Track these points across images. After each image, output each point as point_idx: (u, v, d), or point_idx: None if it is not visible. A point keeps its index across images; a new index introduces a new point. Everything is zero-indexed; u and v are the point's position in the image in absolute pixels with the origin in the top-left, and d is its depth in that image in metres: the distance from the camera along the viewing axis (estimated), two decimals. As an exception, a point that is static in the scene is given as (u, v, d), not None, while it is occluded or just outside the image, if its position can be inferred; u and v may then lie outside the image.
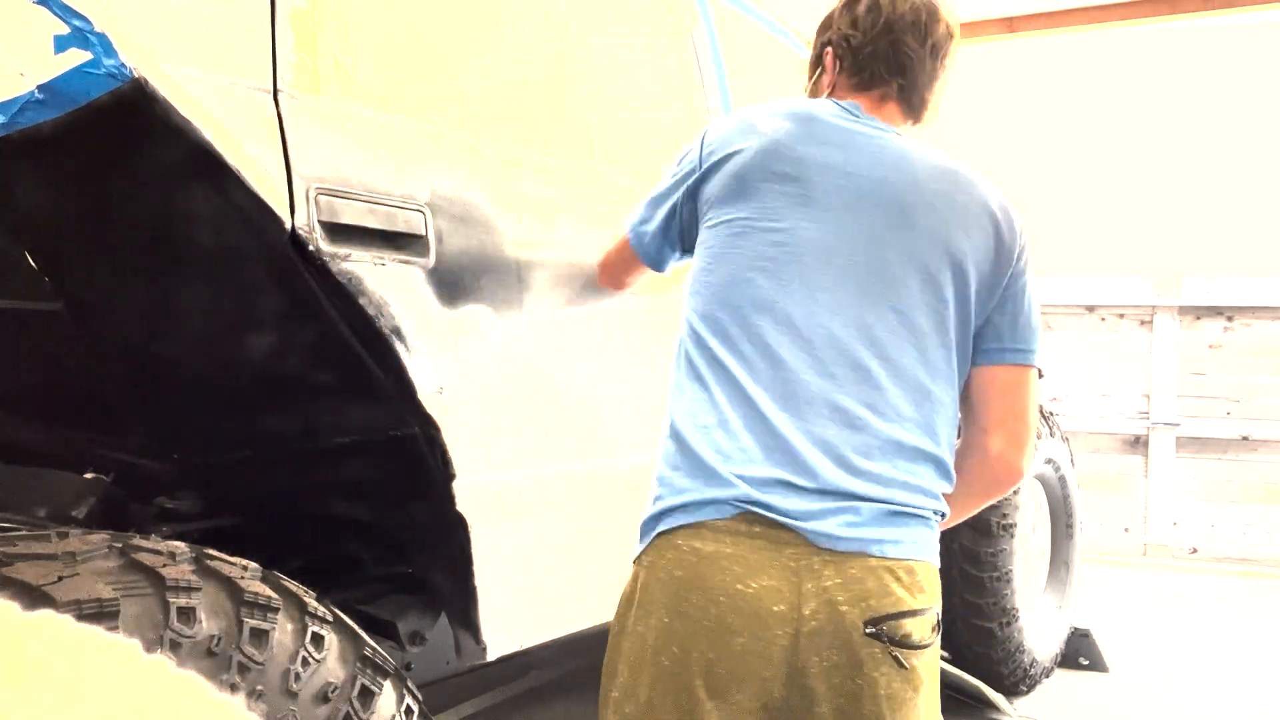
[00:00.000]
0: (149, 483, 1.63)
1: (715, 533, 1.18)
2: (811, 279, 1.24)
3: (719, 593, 1.15)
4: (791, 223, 1.26)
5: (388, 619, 1.60)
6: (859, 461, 1.20)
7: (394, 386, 1.37)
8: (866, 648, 1.16)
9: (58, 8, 0.98)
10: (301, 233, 1.22)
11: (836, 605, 1.15)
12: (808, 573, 1.15)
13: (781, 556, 1.16)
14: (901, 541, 1.21)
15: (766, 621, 1.14)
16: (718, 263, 1.29)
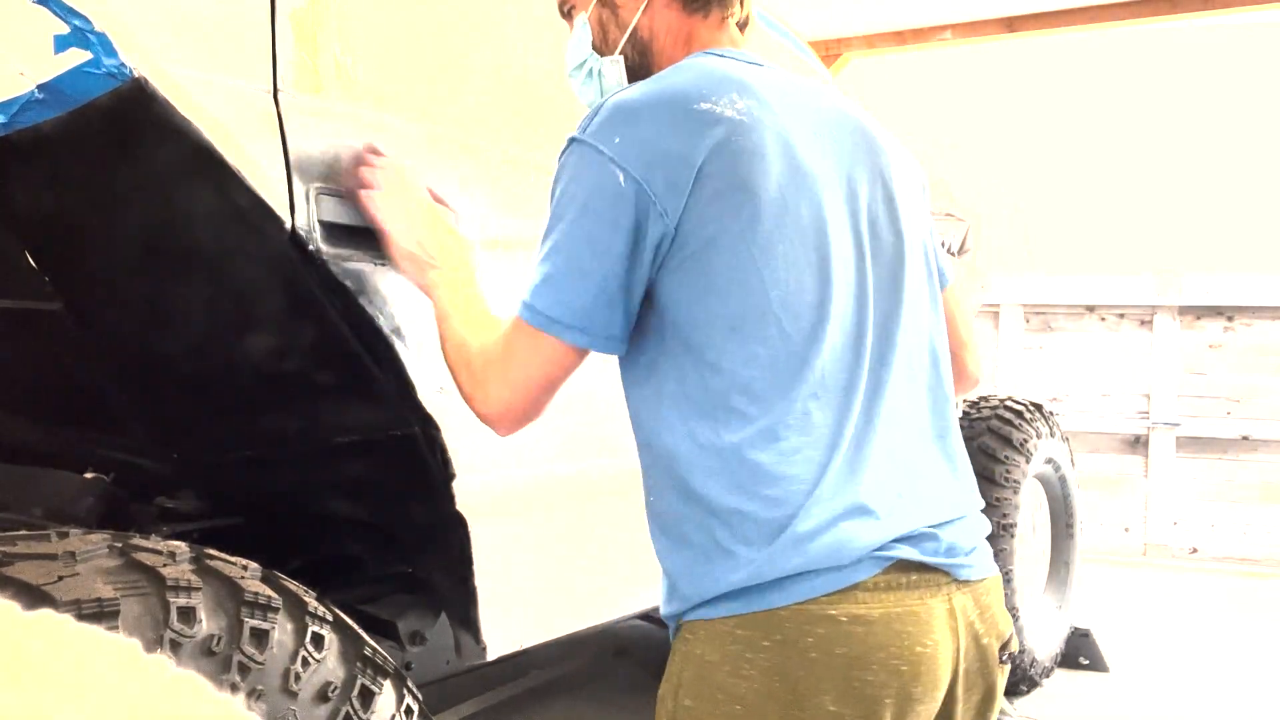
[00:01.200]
0: (149, 482, 1.63)
1: (873, 592, 1.00)
2: (877, 286, 1.12)
3: (900, 661, 0.99)
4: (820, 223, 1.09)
5: (388, 619, 1.60)
6: (956, 480, 1.14)
7: (394, 386, 1.37)
8: (1000, 674, 1.13)
9: (58, 7, 0.98)
10: (301, 233, 1.22)
11: (979, 639, 1.08)
12: (959, 611, 1.06)
13: (938, 602, 1.03)
14: (988, 556, 1.14)
15: (940, 678, 1.03)
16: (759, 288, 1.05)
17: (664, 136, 1.01)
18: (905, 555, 1.01)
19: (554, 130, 1.73)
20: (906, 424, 1.11)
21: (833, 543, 0.99)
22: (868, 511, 1.02)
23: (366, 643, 1.16)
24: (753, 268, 1.02)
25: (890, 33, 5.86)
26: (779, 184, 1.03)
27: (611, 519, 1.86)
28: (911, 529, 1.03)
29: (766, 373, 1.03)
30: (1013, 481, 3.39)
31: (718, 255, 1.02)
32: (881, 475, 1.05)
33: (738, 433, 1.03)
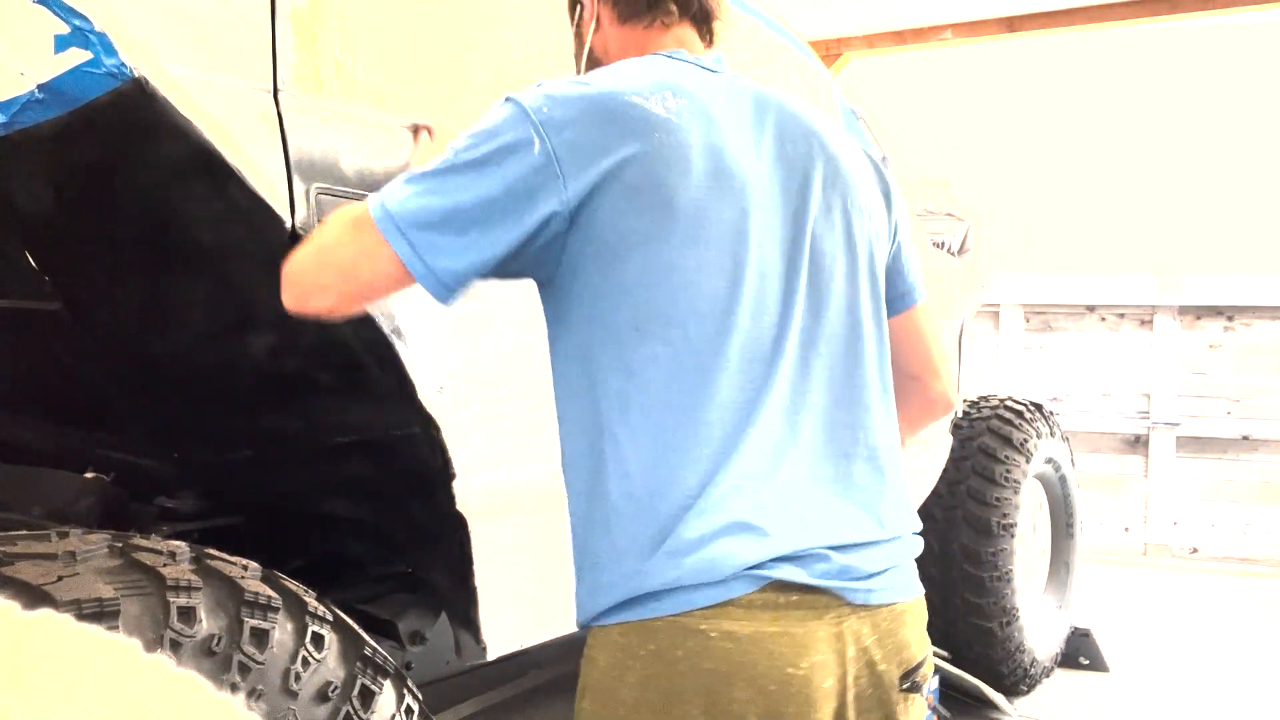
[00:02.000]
0: (149, 482, 1.63)
1: (748, 610, 0.98)
2: (806, 301, 1.08)
3: (768, 681, 0.97)
4: (764, 220, 1.07)
5: (388, 618, 1.60)
6: (879, 497, 1.09)
7: (394, 386, 1.37)
8: (901, 703, 1.07)
9: (58, 7, 0.98)
10: (302, 232, 1.22)
11: (875, 665, 1.04)
12: (851, 635, 1.02)
13: (824, 623, 1.00)
14: (910, 579, 1.11)
15: (816, 702, 0.99)
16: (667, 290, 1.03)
17: (590, 123, 1.00)
18: (785, 576, 0.98)
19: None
20: (823, 443, 1.07)
21: (709, 557, 0.97)
22: (752, 528, 0.98)
23: (366, 642, 1.16)
24: (662, 268, 1.00)
25: (890, 32, 5.86)
26: (699, 186, 1.02)
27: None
28: (800, 549, 0.99)
29: (664, 375, 1.01)
30: (1013, 481, 3.39)
31: (629, 252, 1.00)
32: (777, 492, 1.01)
33: (632, 436, 1.01)
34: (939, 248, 3.44)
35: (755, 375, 1.03)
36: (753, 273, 1.04)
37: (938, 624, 3.45)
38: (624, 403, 1.02)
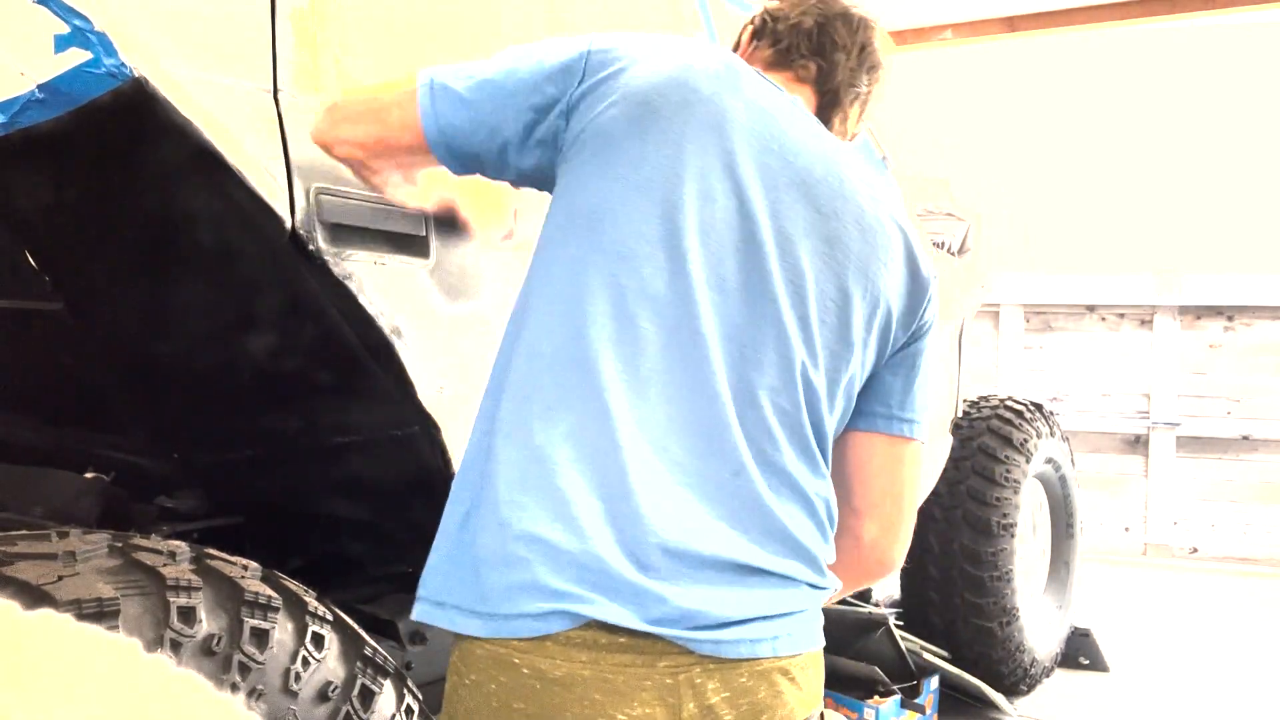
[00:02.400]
0: (149, 482, 1.64)
1: (564, 647, 0.88)
2: (705, 274, 0.98)
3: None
4: (700, 188, 0.98)
5: (388, 618, 1.60)
6: (730, 533, 0.95)
7: (394, 386, 1.37)
8: None
9: (58, 7, 0.98)
10: (302, 232, 1.22)
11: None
12: (688, 689, 0.89)
13: (655, 672, 0.89)
14: (793, 633, 0.97)
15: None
16: (585, 225, 0.99)
17: (633, 47, 1.04)
18: (607, 617, 0.87)
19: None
20: (695, 469, 0.94)
21: (518, 583, 0.88)
22: (571, 558, 0.88)
23: (367, 642, 1.16)
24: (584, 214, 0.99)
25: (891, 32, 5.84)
26: (685, 139, 0.99)
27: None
28: (634, 587, 0.88)
29: (525, 323, 0.98)
30: (1013, 481, 3.39)
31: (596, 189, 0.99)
32: (613, 519, 0.90)
33: (483, 422, 0.97)
34: (939, 248, 3.44)
35: (614, 376, 0.96)
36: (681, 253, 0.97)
37: (938, 624, 3.46)
38: (497, 378, 1.03)
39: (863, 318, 1.05)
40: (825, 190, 1.04)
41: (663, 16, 2.14)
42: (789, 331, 0.99)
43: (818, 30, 1.17)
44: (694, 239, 0.97)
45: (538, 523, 0.89)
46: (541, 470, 0.91)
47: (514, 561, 0.89)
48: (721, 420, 0.95)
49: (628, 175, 0.97)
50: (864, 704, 2.88)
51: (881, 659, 3.04)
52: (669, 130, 0.98)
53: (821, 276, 1.02)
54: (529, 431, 0.93)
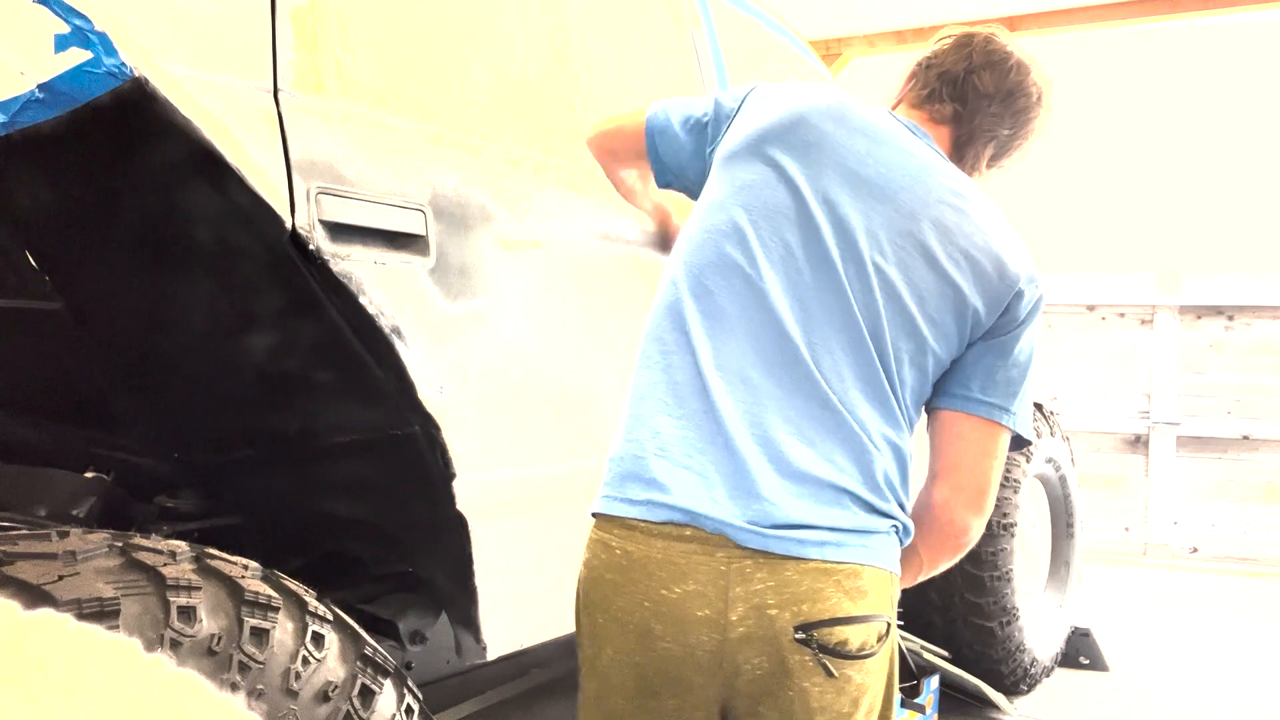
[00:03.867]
0: (149, 482, 1.63)
1: (647, 535, 1.14)
2: (790, 257, 1.20)
3: (644, 598, 1.13)
4: (792, 194, 1.22)
5: (388, 618, 1.60)
6: (799, 449, 1.15)
7: (394, 385, 1.37)
8: (796, 654, 1.08)
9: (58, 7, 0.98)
10: (302, 232, 1.22)
11: (765, 610, 1.08)
12: (738, 577, 1.09)
13: (709, 562, 1.10)
14: (846, 545, 1.12)
15: (690, 627, 1.10)
16: (706, 217, 1.27)
17: (763, 91, 1.35)
18: (682, 519, 1.12)
19: (553, 130, 1.73)
20: (772, 393, 1.16)
21: (631, 475, 1.17)
22: (676, 463, 1.14)
23: (367, 642, 1.16)
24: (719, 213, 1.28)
25: (891, 32, 5.86)
26: (797, 161, 1.25)
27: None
28: (712, 496, 1.11)
29: (663, 292, 1.27)
30: (1013, 481, 3.39)
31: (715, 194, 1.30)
32: (707, 439, 1.14)
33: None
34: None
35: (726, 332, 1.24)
36: (779, 247, 1.23)
37: (938, 624, 3.45)
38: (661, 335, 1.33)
39: (933, 304, 1.21)
40: (908, 196, 1.23)
41: (663, 16, 2.14)
42: (852, 305, 1.19)
43: (963, 78, 1.38)
44: (775, 228, 1.22)
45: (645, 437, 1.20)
46: (650, 397, 1.21)
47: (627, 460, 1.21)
48: (797, 357, 1.17)
49: (740, 180, 1.25)
50: (864, 704, 2.88)
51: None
52: (775, 147, 1.25)
53: (890, 266, 1.20)
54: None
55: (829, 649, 1.09)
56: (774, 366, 1.16)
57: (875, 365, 1.18)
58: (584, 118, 1.81)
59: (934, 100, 1.37)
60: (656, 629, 1.12)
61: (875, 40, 5.92)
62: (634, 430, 1.19)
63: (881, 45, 5.94)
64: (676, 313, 1.22)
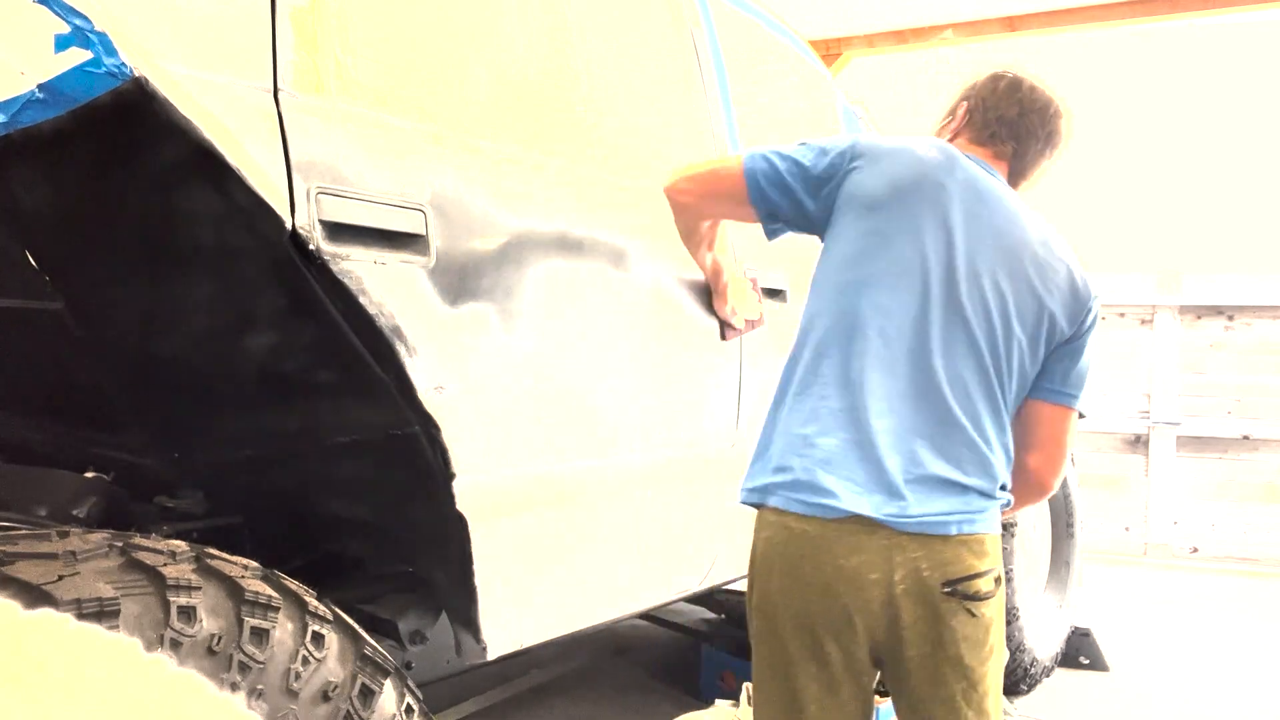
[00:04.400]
0: (150, 482, 1.63)
1: (822, 522, 1.46)
2: (926, 297, 1.50)
3: (826, 565, 1.45)
4: (923, 242, 1.51)
5: (388, 618, 1.60)
6: (934, 461, 1.48)
7: (394, 385, 1.37)
8: (945, 603, 1.45)
9: (58, 7, 0.98)
10: (302, 232, 1.22)
11: (921, 572, 1.44)
12: (898, 550, 1.44)
13: (874, 540, 1.44)
14: (974, 520, 1.48)
15: (864, 586, 1.44)
16: (849, 264, 1.53)
17: (878, 158, 1.56)
18: (857, 510, 1.44)
19: (553, 130, 1.73)
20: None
21: (804, 484, 1.48)
22: (841, 476, 1.46)
23: (367, 642, 1.16)
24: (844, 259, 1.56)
25: (891, 32, 5.86)
26: (911, 209, 1.52)
27: (612, 518, 1.86)
28: (870, 501, 1.44)
29: (812, 328, 1.55)
30: (1013, 481, 3.39)
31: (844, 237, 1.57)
32: (913, 444, 1.47)
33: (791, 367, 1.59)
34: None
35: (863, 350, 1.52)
36: (915, 284, 1.52)
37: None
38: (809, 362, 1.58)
39: (1030, 323, 1.54)
40: (1011, 240, 1.54)
41: (663, 16, 2.14)
42: (975, 332, 1.50)
43: (1018, 120, 1.63)
44: (914, 271, 1.51)
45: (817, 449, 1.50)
46: (812, 422, 1.51)
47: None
48: (937, 388, 1.49)
49: (877, 229, 1.52)
50: (864, 704, 2.88)
51: (881, 659, 3.04)
52: (904, 200, 1.52)
53: (1006, 300, 1.52)
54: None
55: (967, 596, 1.45)
56: (917, 398, 1.48)
57: (994, 386, 1.52)
58: (584, 117, 1.81)
59: (996, 141, 1.65)
60: (838, 588, 1.45)
61: (875, 40, 5.92)
62: (803, 449, 1.49)
63: (881, 45, 5.95)
64: (830, 350, 1.51)
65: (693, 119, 2.15)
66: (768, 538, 1.52)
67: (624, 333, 1.81)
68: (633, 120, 1.95)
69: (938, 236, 1.50)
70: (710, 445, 2.08)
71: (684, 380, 1.98)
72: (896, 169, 1.53)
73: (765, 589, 1.52)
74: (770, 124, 2.50)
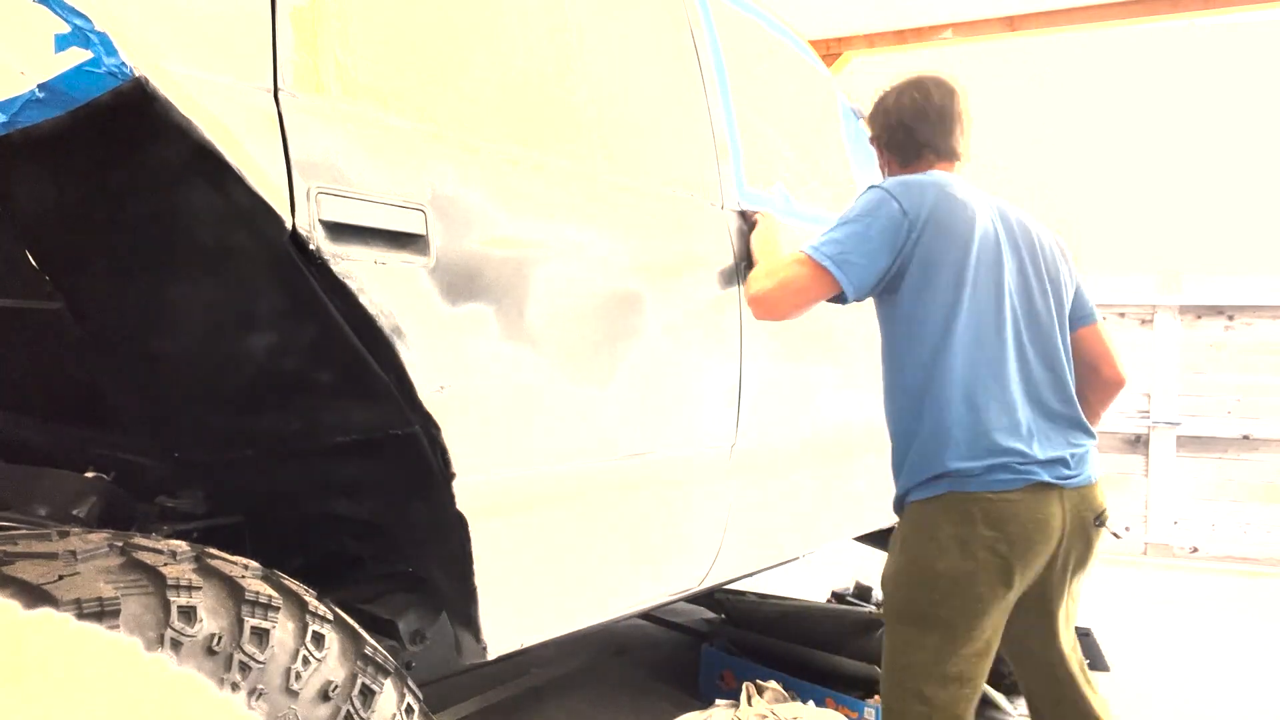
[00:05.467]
0: (150, 482, 1.63)
1: (1020, 491, 1.82)
2: (1014, 296, 1.92)
3: (1026, 520, 1.82)
4: (998, 266, 1.90)
5: (388, 618, 1.60)
6: (1072, 428, 1.94)
7: (394, 385, 1.37)
8: (1094, 531, 1.93)
9: (58, 6, 0.98)
10: (302, 232, 1.22)
11: (1080, 512, 1.89)
12: (1067, 499, 1.86)
13: (1051, 495, 1.85)
14: (1091, 471, 1.93)
15: (1052, 531, 1.85)
16: (952, 293, 1.87)
17: (921, 198, 1.87)
18: (1043, 479, 1.84)
19: (553, 130, 1.73)
20: (1045, 384, 1.93)
21: (1005, 466, 1.84)
22: (1032, 448, 1.85)
23: (367, 642, 1.16)
24: (952, 275, 1.87)
25: (891, 32, 5.86)
26: (966, 230, 1.88)
27: (612, 518, 1.86)
28: (1048, 460, 1.85)
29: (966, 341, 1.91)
30: (1013, 481, 3.39)
31: (934, 267, 1.86)
32: (1038, 424, 1.89)
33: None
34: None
35: (1011, 351, 1.91)
36: (1005, 299, 1.92)
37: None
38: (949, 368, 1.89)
39: (1065, 287, 2.03)
40: (1040, 244, 2.02)
41: (663, 16, 2.14)
42: (1053, 320, 1.97)
43: (944, 136, 2.06)
44: (986, 278, 1.91)
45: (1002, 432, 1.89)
46: (1002, 412, 1.89)
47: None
48: (1055, 366, 1.96)
49: (958, 261, 1.87)
50: (864, 703, 2.88)
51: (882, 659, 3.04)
52: (962, 234, 1.88)
53: (1058, 285, 2.01)
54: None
55: (1104, 523, 1.93)
56: (1043, 379, 1.93)
57: (1062, 351, 1.97)
58: (584, 117, 1.81)
59: (950, 157, 2.07)
60: (1036, 536, 1.83)
61: (875, 40, 5.92)
62: (998, 441, 1.83)
63: (881, 45, 5.95)
64: (981, 355, 1.87)
65: (693, 119, 2.15)
66: (974, 497, 1.85)
67: (624, 333, 1.81)
68: (633, 120, 1.95)
69: (1002, 260, 1.93)
70: (710, 445, 2.08)
71: (684, 380, 1.98)
72: (956, 220, 1.89)
73: (969, 544, 1.82)
74: (770, 124, 2.50)
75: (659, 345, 1.90)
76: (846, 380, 2.61)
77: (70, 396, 1.61)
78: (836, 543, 3.09)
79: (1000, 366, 1.86)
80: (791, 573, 4.49)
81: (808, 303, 1.93)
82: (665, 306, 1.91)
